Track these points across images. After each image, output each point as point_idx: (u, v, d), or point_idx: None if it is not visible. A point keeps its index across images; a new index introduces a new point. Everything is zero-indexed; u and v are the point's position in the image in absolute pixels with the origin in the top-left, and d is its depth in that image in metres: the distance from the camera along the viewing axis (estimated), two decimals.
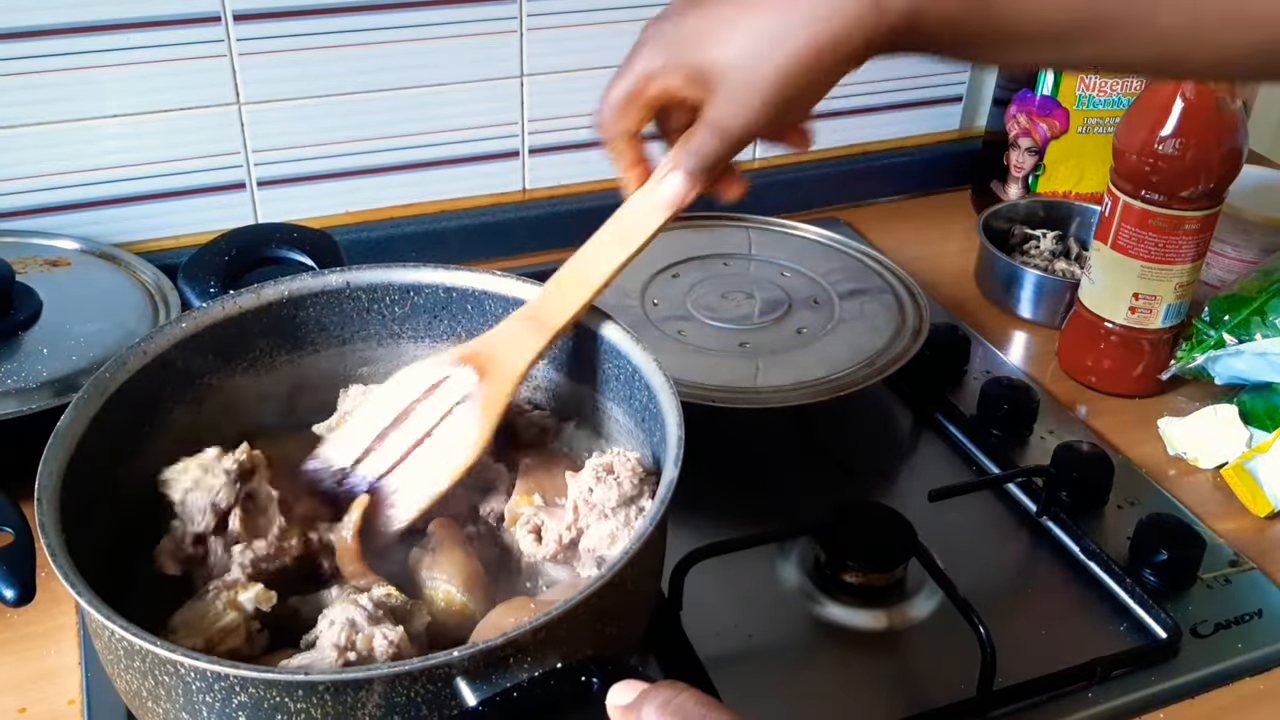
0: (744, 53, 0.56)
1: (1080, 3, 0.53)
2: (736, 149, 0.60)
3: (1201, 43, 0.53)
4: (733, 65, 0.56)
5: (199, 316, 0.70)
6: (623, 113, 0.61)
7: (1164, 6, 0.52)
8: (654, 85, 0.60)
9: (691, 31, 0.58)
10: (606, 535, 0.65)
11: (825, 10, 0.54)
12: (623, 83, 0.61)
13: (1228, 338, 0.93)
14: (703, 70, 0.57)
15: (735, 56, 0.56)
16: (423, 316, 0.76)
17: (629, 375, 0.70)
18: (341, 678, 0.49)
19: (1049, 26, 0.54)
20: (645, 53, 0.60)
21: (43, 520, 0.55)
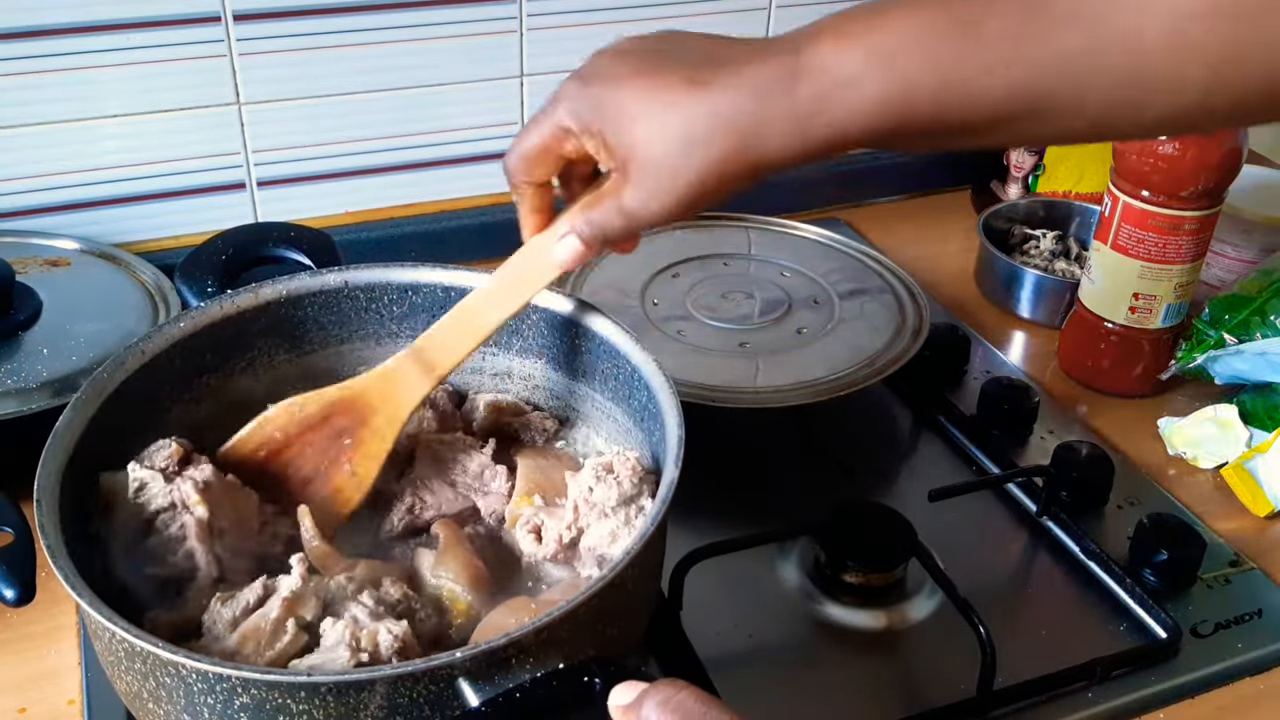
0: (666, 151, 0.55)
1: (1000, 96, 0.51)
2: (627, 236, 0.61)
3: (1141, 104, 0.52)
4: (652, 160, 0.56)
5: (197, 316, 0.70)
6: (534, 164, 0.61)
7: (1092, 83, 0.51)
8: (569, 144, 0.59)
9: (616, 107, 0.57)
10: (607, 534, 0.65)
11: (748, 125, 0.54)
12: (537, 134, 0.60)
13: (1228, 338, 0.93)
14: (621, 152, 0.57)
15: (657, 152, 0.56)
16: (421, 316, 0.76)
17: (628, 375, 0.70)
18: (344, 679, 0.49)
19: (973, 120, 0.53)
20: (564, 111, 0.59)
21: (42, 521, 0.55)
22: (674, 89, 0.55)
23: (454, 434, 0.73)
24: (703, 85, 0.54)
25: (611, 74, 0.57)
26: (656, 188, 0.57)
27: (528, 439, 0.76)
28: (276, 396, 0.68)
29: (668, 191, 0.56)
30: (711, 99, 0.54)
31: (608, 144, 0.57)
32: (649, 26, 0.60)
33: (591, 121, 0.57)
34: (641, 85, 0.56)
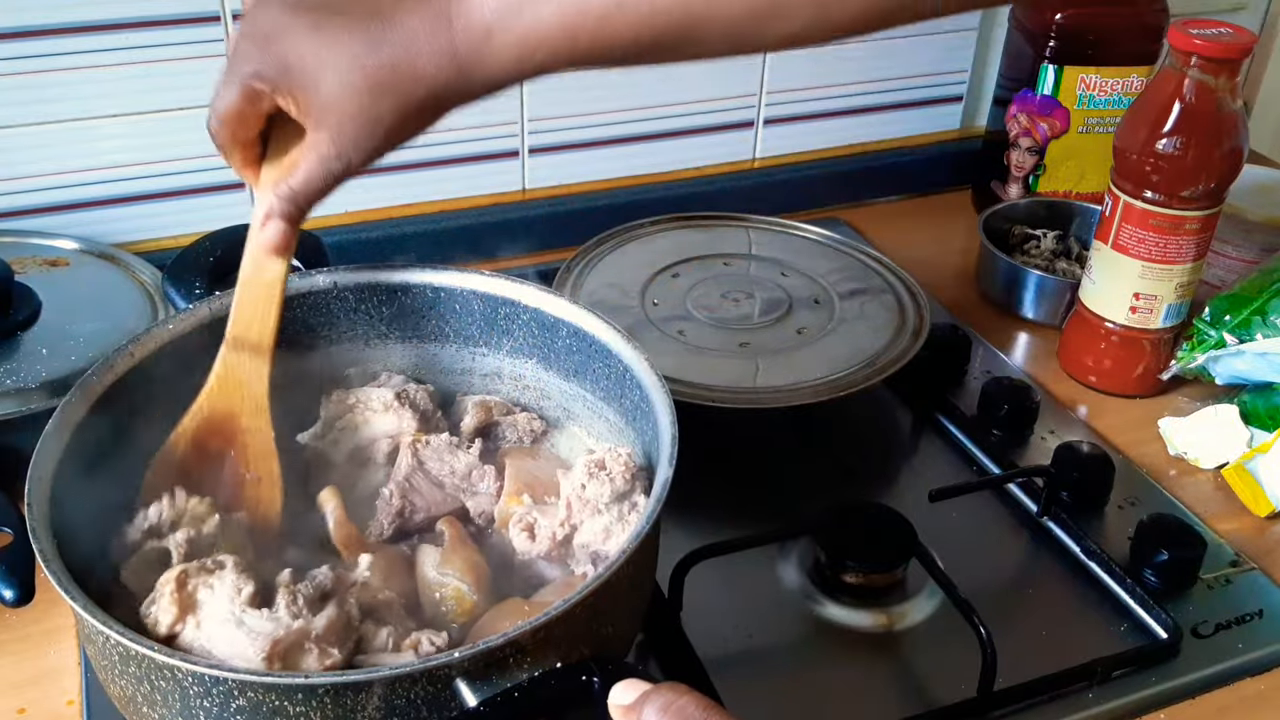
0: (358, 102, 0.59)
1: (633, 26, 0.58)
2: (333, 187, 0.62)
3: None
4: (347, 111, 0.59)
5: (185, 318, 0.70)
6: (235, 126, 0.62)
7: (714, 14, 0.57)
8: (265, 103, 0.61)
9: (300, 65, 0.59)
10: (601, 530, 0.65)
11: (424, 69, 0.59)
12: (230, 98, 0.61)
13: (1228, 338, 0.93)
14: (316, 107, 0.59)
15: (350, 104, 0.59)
16: (410, 317, 0.76)
17: (620, 374, 0.70)
18: (341, 680, 0.49)
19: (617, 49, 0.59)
20: (250, 73, 0.60)
21: (33, 525, 0.54)
22: (352, 42, 0.58)
23: (440, 435, 0.73)
24: (376, 38, 0.58)
25: (287, 31, 0.59)
26: (355, 137, 0.60)
27: (515, 439, 0.75)
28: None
29: (367, 138, 0.60)
30: (390, 51, 0.58)
31: (300, 104, 0.59)
32: None
33: (280, 81, 0.59)
34: (321, 41, 0.58)
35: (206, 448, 0.66)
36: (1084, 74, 1.14)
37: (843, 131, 1.27)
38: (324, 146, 0.60)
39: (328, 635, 0.55)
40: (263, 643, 0.53)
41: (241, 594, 0.55)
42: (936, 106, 1.30)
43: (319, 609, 0.56)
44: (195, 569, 0.57)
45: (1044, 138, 1.17)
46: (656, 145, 1.18)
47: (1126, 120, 0.92)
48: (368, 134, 0.60)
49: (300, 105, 0.59)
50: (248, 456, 0.66)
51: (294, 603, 0.56)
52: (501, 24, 0.58)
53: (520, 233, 1.14)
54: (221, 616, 0.55)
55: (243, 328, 0.65)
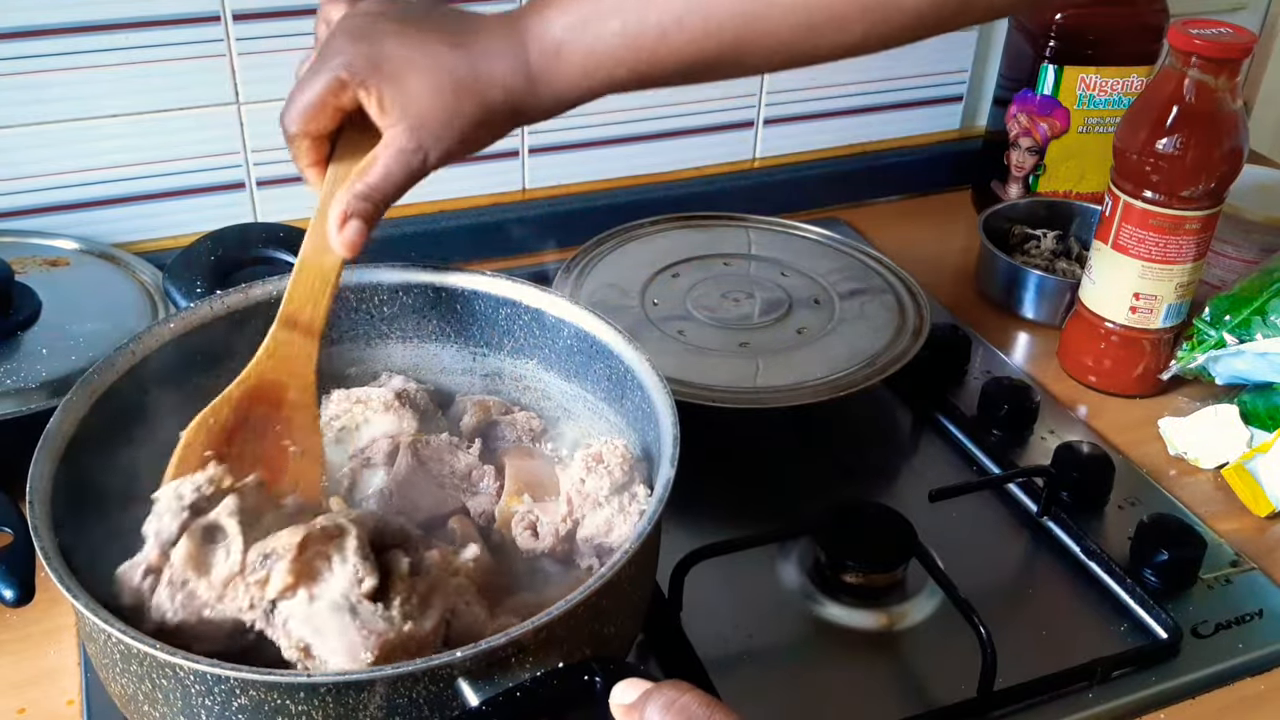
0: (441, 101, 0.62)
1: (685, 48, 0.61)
2: (412, 182, 0.64)
3: None
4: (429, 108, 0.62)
5: (186, 317, 0.70)
6: (312, 118, 0.64)
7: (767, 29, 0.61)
8: (346, 96, 0.62)
9: (389, 62, 0.61)
10: (603, 523, 0.65)
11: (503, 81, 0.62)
12: (315, 87, 0.62)
13: (1228, 338, 0.93)
14: (399, 103, 0.62)
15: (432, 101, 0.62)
16: (411, 317, 0.76)
17: (621, 375, 0.70)
18: (343, 679, 0.49)
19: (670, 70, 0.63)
20: (340, 64, 0.62)
21: (35, 523, 0.54)
22: (438, 48, 0.62)
23: (440, 434, 0.73)
24: (464, 46, 0.62)
25: (377, 33, 0.62)
26: (434, 132, 0.62)
27: (514, 439, 0.75)
28: None
29: (445, 135, 0.62)
30: (472, 58, 0.62)
31: (383, 98, 0.62)
32: None
33: (368, 76, 0.61)
34: (410, 44, 0.62)
35: (249, 416, 0.65)
36: (1084, 74, 1.14)
37: (843, 131, 1.27)
38: (403, 140, 0.62)
39: (428, 638, 0.54)
40: (375, 642, 0.52)
41: (363, 585, 0.54)
42: (936, 106, 1.30)
43: (427, 608, 0.55)
44: (318, 535, 0.55)
45: (1044, 138, 1.17)
46: (656, 145, 1.18)
47: (1126, 120, 0.92)
48: (446, 132, 0.62)
49: (384, 101, 0.62)
50: (292, 430, 0.65)
51: (408, 600, 0.55)
52: (570, 41, 0.62)
53: (520, 233, 1.14)
54: (336, 599, 0.53)
55: (296, 307, 0.66)
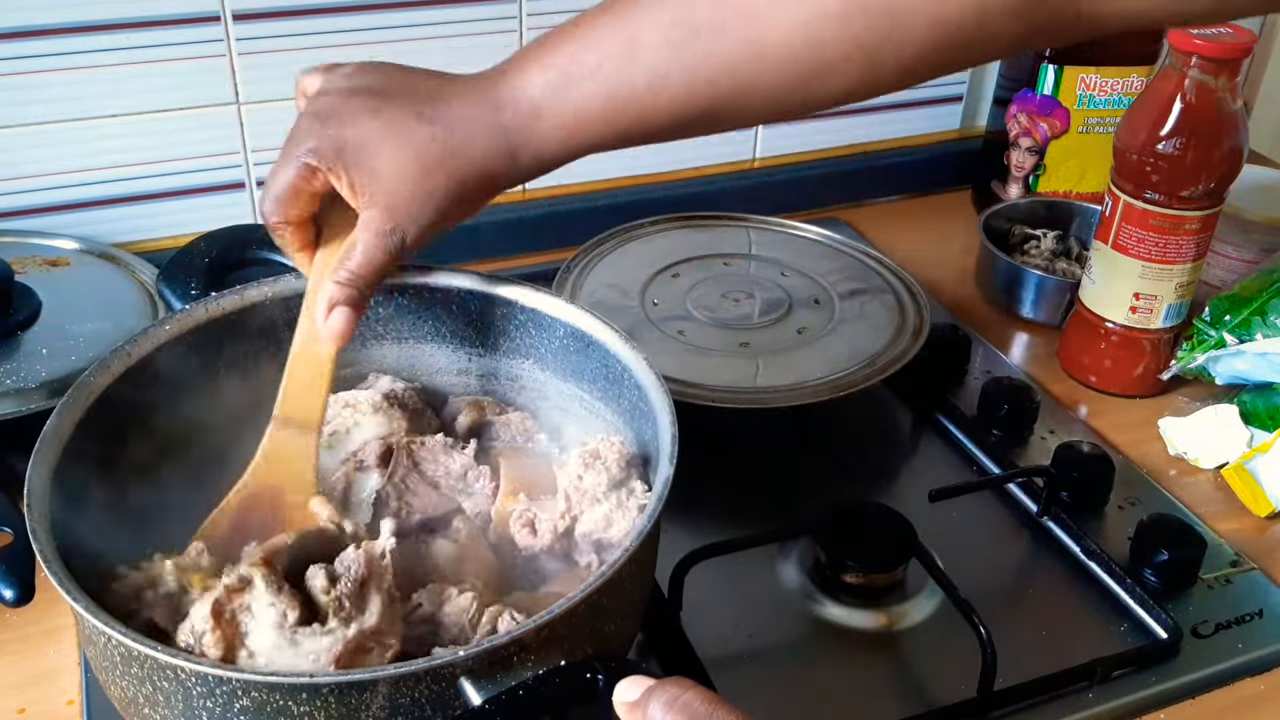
0: (410, 178, 0.61)
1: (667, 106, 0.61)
2: (393, 262, 0.63)
3: None
4: (399, 188, 0.61)
5: (182, 319, 0.69)
6: (288, 204, 0.63)
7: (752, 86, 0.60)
8: (318, 181, 0.62)
9: (356, 144, 0.61)
10: (601, 518, 0.65)
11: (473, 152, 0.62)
12: (285, 175, 0.62)
13: (1228, 338, 0.93)
14: (369, 187, 0.61)
15: (402, 182, 0.61)
16: (407, 318, 0.76)
17: (618, 374, 0.70)
18: (345, 679, 0.49)
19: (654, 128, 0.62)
20: (306, 150, 0.62)
21: (33, 526, 0.54)
22: (406, 124, 0.61)
23: (434, 435, 0.73)
24: (429, 120, 0.61)
25: (345, 112, 0.62)
26: (409, 212, 0.62)
27: (508, 439, 0.75)
28: (262, 398, 0.68)
29: (420, 213, 0.62)
30: (437, 131, 0.61)
31: (354, 182, 0.61)
32: None
33: (334, 161, 0.61)
34: (377, 123, 0.61)
35: (248, 522, 0.64)
36: (1084, 74, 1.14)
37: (843, 131, 1.27)
38: (379, 221, 0.62)
39: (380, 627, 0.54)
40: (325, 660, 0.53)
41: (288, 619, 0.54)
42: (936, 106, 1.30)
43: (364, 604, 0.55)
44: (225, 594, 0.54)
45: (1044, 138, 1.18)
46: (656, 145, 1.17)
47: (1126, 120, 0.92)
48: (420, 209, 0.62)
49: (355, 183, 0.61)
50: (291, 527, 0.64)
51: (341, 609, 0.54)
52: (549, 101, 0.61)
53: (520, 233, 1.14)
54: (273, 643, 0.53)
55: (291, 405, 0.65)
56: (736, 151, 1.23)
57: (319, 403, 0.65)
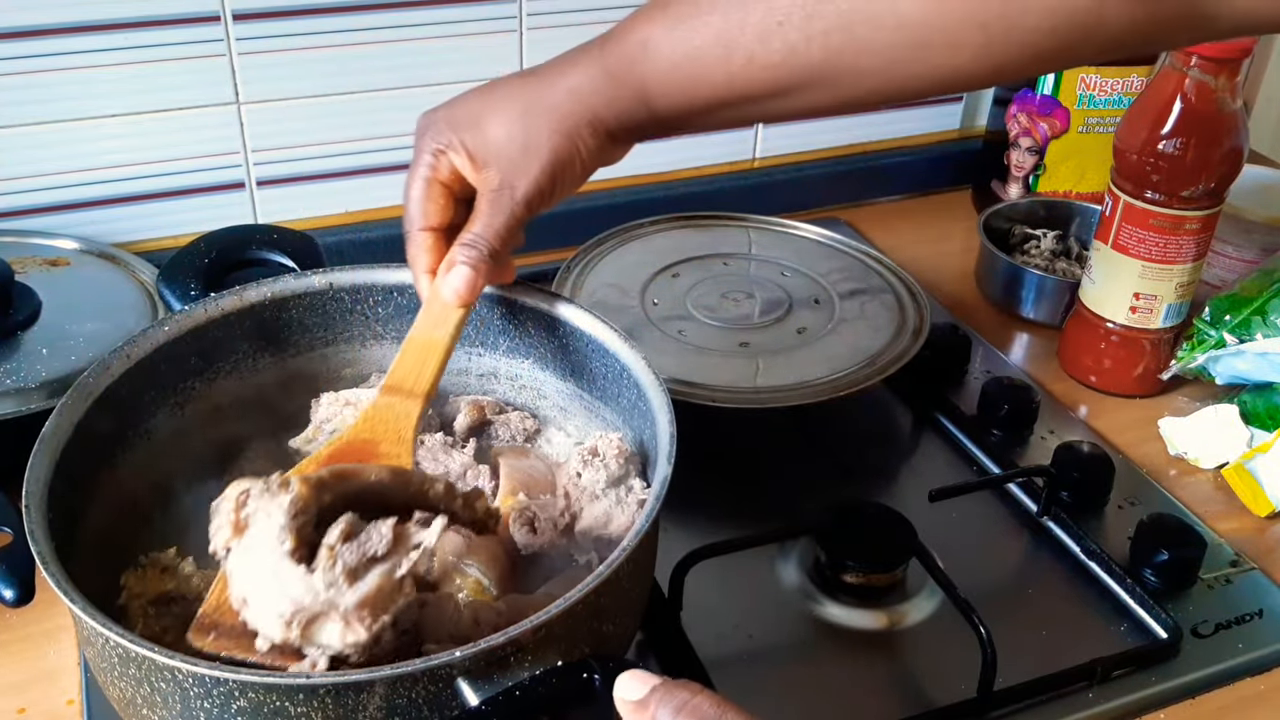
0: (519, 134, 0.62)
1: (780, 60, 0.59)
2: (511, 221, 0.63)
3: None
4: (509, 146, 0.62)
5: (181, 320, 0.69)
6: (425, 201, 0.65)
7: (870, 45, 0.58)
8: (444, 166, 0.64)
9: (466, 116, 0.63)
10: (601, 515, 0.65)
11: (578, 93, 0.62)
12: (417, 170, 0.64)
13: (1229, 338, 0.93)
14: (481, 151, 0.63)
15: (511, 140, 0.62)
16: (407, 317, 0.76)
17: (617, 373, 0.70)
18: (342, 680, 0.49)
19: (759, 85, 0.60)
20: (428, 139, 0.64)
21: (31, 528, 0.54)
22: (511, 88, 0.63)
23: (434, 434, 0.73)
24: (534, 76, 0.63)
25: (456, 101, 0.65)
26: (517, 166, 0.62)
27: (508, 438, 0.76)
28: (262, 399, 0.68)
29: (528, 166, 0.62)
30: (539, 84, 0.63)
31: (470, 151, 0.63)
32: None
33: (451, 137, 0.63)
34: (487, 96, 0.64)
35: None
36: (1084, 74, 1.14)
37: (843, 131, 1.27)
38: (490, 181, 0.63)
39: (360, 609, 0.51)
40: (286, 607, 0.51)
41: (284, 545, 0.52)
42: (936, 106, 1.30)
43: (360, 576, 0.52)
44: (259, 491, 0.53)
45: (1044, 138, 1.17)
46: (656, 145, 1.17)
47: (1126, 120, 0.92)
48: (528, 161, 0.62)
49: (471, 152, 0.63)
50: None
51: (331, 569, 0.52)
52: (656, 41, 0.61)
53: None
54: (259, 558, 0.52)
55: (398, 379, 0.65)
56: (736, 151, 1.23)
57: (429, 375, 0.65)
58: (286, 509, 0.52)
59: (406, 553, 0.54)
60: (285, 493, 0.52)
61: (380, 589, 0.52)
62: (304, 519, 0.53)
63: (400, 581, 0.53)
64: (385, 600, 0.52)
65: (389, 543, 0.53)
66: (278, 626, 0.51)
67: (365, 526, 0.54)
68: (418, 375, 0.65)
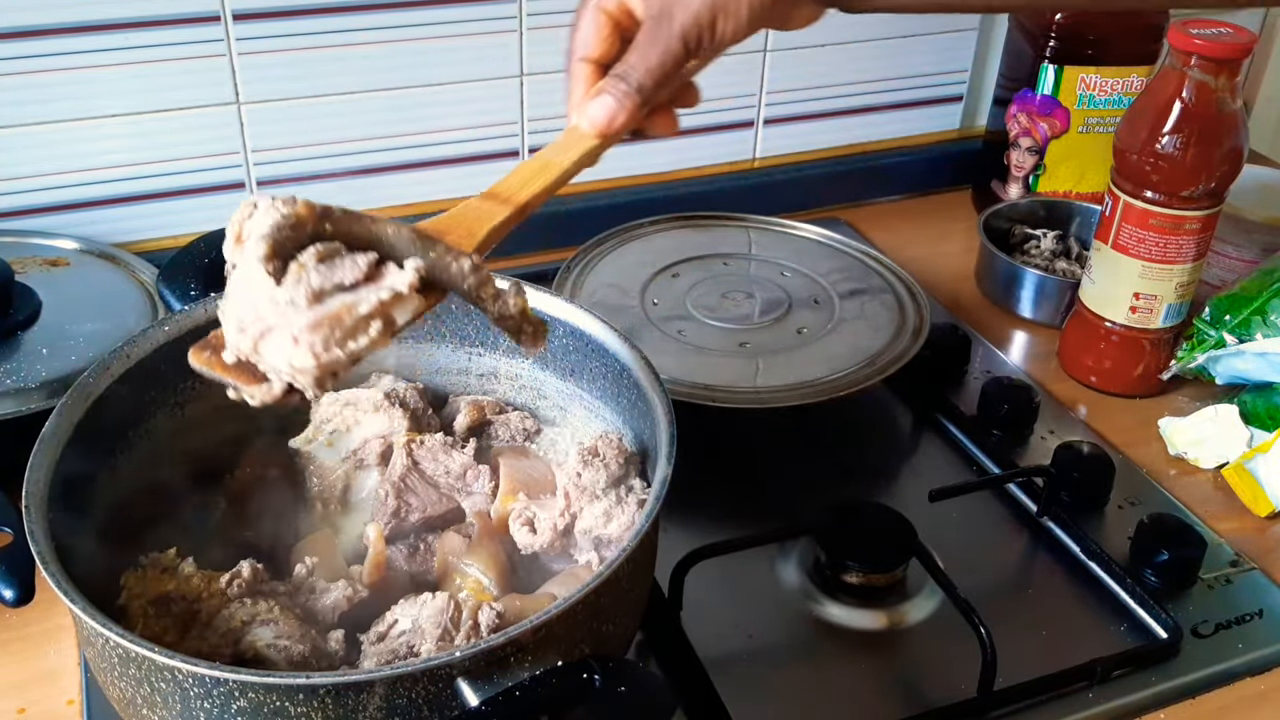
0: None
1: None
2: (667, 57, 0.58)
3: None
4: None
5: (181, 320, 0.70)
6: (587, 26, 0.60)
7: None
8: None
9: None
10: (601, 514, 0.65)
11: None
12: None
13: (1228, 337, 0.93)
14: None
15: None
16: None
17: (617, 373, 0.70)
18: (343, 680, 0.49)
19: None
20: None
21: (31, 528, 0.54)
22: None
23: (434, 434, 0.73)
24: None
25: None
26: None
27: (507, 438, 0.76)
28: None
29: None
30: None
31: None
32: None
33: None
34: None
35: None
36: (1084, 74, 1.14)
37: (843, 131, 1.27)
38: (652, 8, 0.57)
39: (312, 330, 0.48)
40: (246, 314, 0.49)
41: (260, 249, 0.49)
42: (936, 106, 1.30)
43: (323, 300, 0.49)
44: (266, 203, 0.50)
45: (1044, 138, 1.17)
46: (656, 145, 1.18)
47: (1126, 120, 0.92)
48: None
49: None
50: None
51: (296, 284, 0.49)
52: None
53: (521, 232, 1.13)
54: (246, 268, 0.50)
55: (498, 187, 0.60)
56: (736, 151, 1.23)
57: (530, 190, 0.60)
58: (275, 219, 0.49)
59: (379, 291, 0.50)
60: (286, 207, 0.50)
61: (337, 317, 0.49)
62: (289, 235, 0.49)
63: (363, 319, 0.49)
64: (341, 330, 0.49)
65: (361, 275, 0.50)
66: (234, 334, 0.49)
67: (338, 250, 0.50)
68: (519, 187, 0.60)
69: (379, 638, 0.59)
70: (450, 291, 0.54)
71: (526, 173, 0.61)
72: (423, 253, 0.52)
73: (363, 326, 0.49)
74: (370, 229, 0.52)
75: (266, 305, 0.49)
